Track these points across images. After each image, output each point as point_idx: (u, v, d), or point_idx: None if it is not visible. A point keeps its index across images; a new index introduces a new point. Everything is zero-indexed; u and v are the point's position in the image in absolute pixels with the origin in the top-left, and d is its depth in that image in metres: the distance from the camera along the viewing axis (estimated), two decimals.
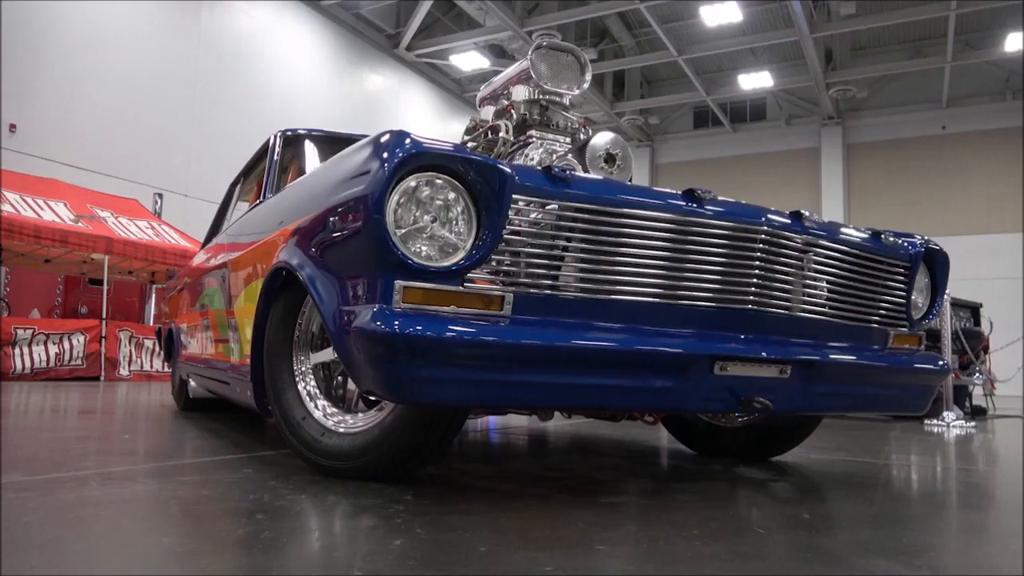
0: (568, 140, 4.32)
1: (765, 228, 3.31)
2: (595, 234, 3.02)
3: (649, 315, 3.11)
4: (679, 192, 3.26)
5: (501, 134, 4.23)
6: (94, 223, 13.53)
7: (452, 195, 2.88)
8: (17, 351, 12.22)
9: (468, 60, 23.50)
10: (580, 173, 3.49)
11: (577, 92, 4.45)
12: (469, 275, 2.85)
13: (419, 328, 2.66)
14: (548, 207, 2.97)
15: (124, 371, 13.60)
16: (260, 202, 4.85)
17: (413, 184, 2.84)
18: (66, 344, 12.79)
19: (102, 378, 13.07)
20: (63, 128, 15.39)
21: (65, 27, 15.48)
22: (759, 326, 3.34)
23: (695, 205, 3.22)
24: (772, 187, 28.02)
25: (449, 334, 2.68)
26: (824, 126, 27.89)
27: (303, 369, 3.61)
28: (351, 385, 3.50)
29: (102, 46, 16.04)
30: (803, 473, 4.15)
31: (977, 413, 11.22)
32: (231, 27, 18.81)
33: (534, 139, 4.25)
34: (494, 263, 2.90)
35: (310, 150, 5.28)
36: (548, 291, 2.95)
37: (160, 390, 10.78)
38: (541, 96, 4.38)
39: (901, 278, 3.93)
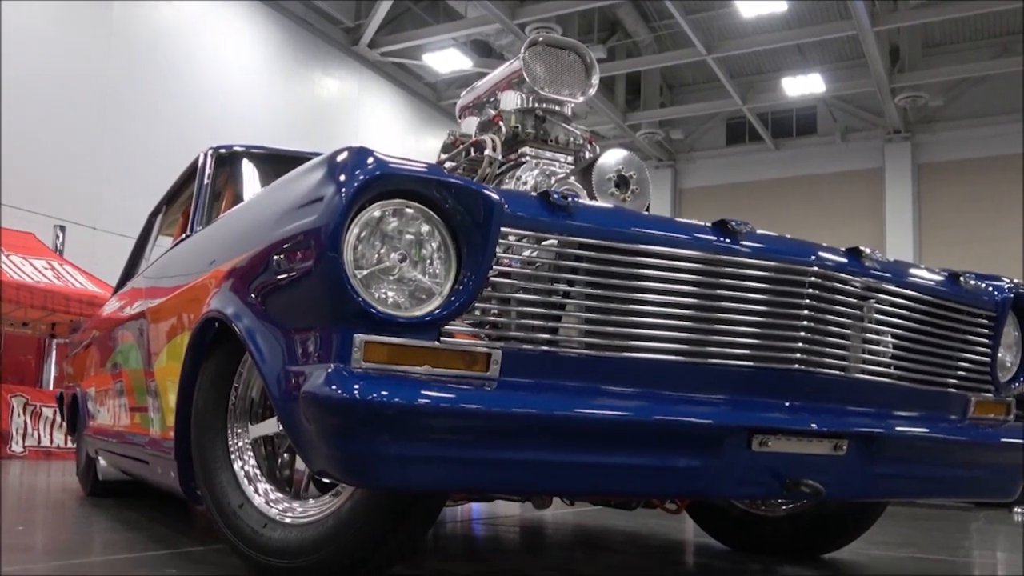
0: (570, 159, 4.35)
1: (815, 269, 3.33)
2: (604, 276, 3.04)
3: (671, 377, 3.11)
4: (708, 224, 3.27)
5: (487, 152, 4.24)
6: None
7: (426, 228, 2.89)
8: None
9: (446, 59, 23.60)
10: (585, 200, 3.51)
11: (581, 99, 4.48)
12: (447, 327, 2.85)
13: (384, 393, 2.66)
14: (545, 243, 2.99)
15: (17, 447, 13.53)
16: (187, 236, 4.86)
17: (377, 214, 2.85)
18: None
19: None
20: None
21: None
22: (808, 391, 3.34)
23: (728, 240, 3.24)
24: (824, 218, 28.04)
25: (422, 401, 2.68)
26: (889, 142, 27.97)
27: (240, 444, 3.61)
28: (300, 465, 3.49)
29: None
30: (861, 574, 4.15)
31: None
32: (151, 21, 18.85)
33: (528, 158, 4.27)
34: (478, 312, 2.91)
35: (249, 172, 5.30)
36: (545, 347, 2.96)
37: (62, 470, 10.73)
38: (536, 104, 4.41)
39: (985, 331, 3.95)
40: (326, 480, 3.31)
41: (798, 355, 3.29)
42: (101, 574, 3.47)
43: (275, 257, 3.06)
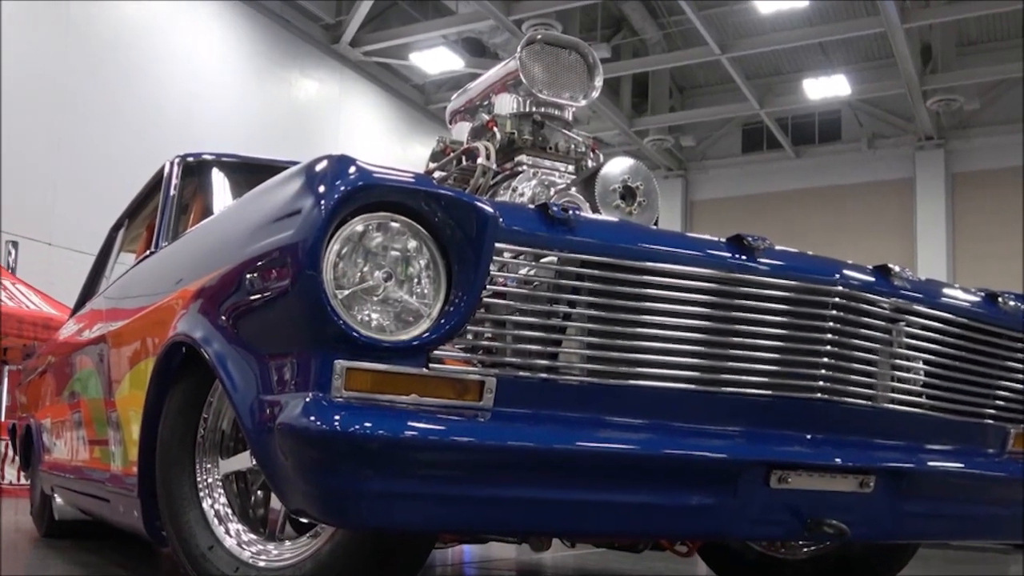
0: (571, 168, 4.36)
1: (839, 289, 3.34)
2: (608, 297, 3.04)
3: (682, 407, 3.12)
4: (722, 239, 3.28)
5: (480, 160, 4.24)
6: None
7: (413, 244, 2.90)
8: None
9: (435, 59, 23.61)
10: (587, 213, 3.52)
11: (584, 103, 4.50)
12: (436, 353, 2.85)
13: (368, 425, 2.66)
14: (544, 260, 2.99)
15: None
16: (151, 253, 4.87)
17: (360, 228, 2.86)
18: None
19: None
20: None
21: None
22: (832, 422, 3.35)
23: (744, 257, 3.25)
24: (849, 233, 28.00)
25: (409, 433, 2.68)
26: (920, 149, 27.95)
27: (210, 481, 3.60)
28: (275, 503, 3.49)
29: None
30: None
31: None
32: (112, 18, 18.77)
33: (525, 167, 4.28)
34: (470, 336, 2.91)
35: (220, 182, 5.31)
36: (544, 375, 2.96)
37: (15, 509, 10.71)
38: (534, 108, 4.42)
39: None
40: (304, 520, 3.31)
41: (821, 383, 3.30)
42: None
43: (248, 276, 3.07)
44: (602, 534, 3.06)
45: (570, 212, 3.04)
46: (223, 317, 3.24)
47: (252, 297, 3.04)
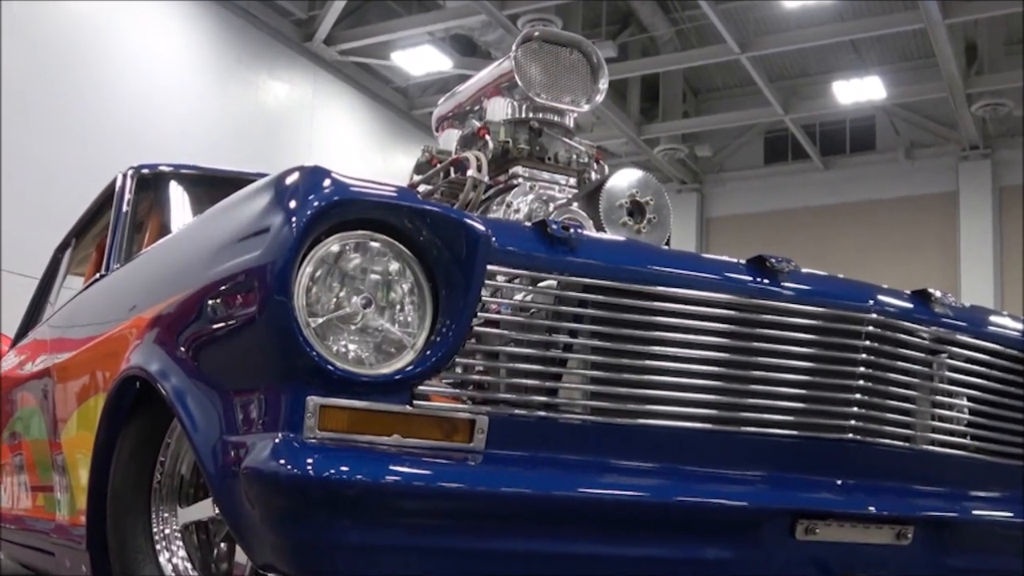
0: (573, 181, 4.37)
1: (873, 317, 3.34)
2: (614, 325, 3.05)
3: (697, 449, 3.12)
4: (742, 261, 3.29)
5: (470, 172, 4.24)
6: None
7: (395, 266, 2.90)
8: None
9: (420, 59, 23.54)
10: (591, 232, 3.52)
11: (586, 108, 4.51)
12: (421, 388, 2.86)
13: (345, 469, 2.66)
14: (542, 284, 3.00)
15: None
16: (102, 276, 4.87)
17: (335, 249, 2.86)
18: None
19: None
20: None
21: None
22: (865, 466, 3.35)
23: (767, 281, 3.26)
24: (884, 253, 27.93)
25: (390, 478, 2.69)
26: (964, 160, 27.88)
27: (167, 532, 3.60)
28: (241, 557, 3.48)
29: None
30: None
31: None
32: (58, 17, 18.71)
33: (521, 180, 4.29)
34: (459, 370, 2.92)
35: (178, 197, 5.32)
36: (542, 412, 2.96)
37: None
38: (531, 114, 4.43)
39: None
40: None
41: (852, 422, 3.30)
42: None
43: (210, 302, 3.07)
44: None
45: (571, 230, 3.05)
46: (182, 348, 3.24)
47: (215, 326, 3.04)
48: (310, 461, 2.65)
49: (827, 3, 22.25)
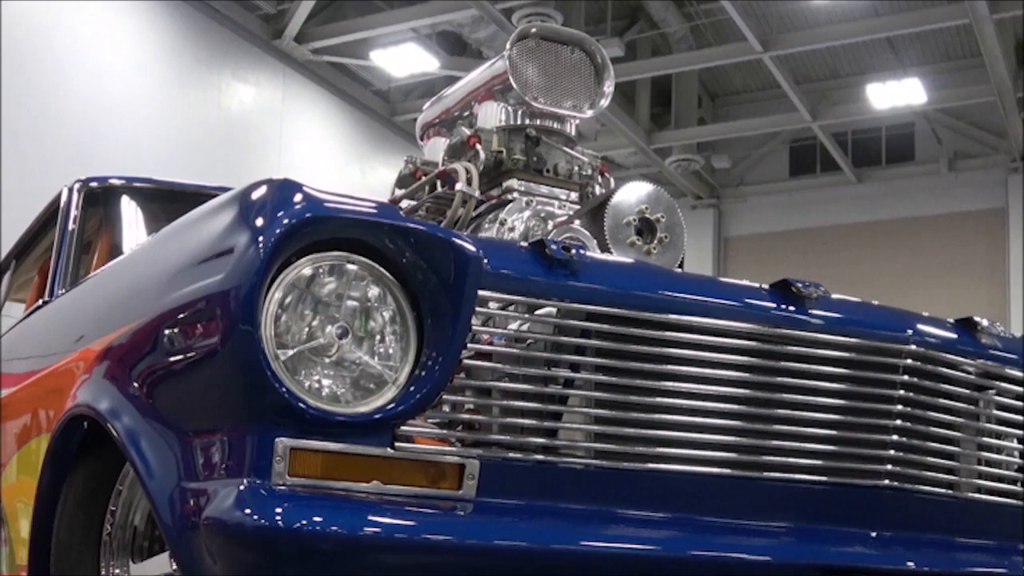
0: (575, 196, 4.37)
1: (913, 348, 3.35)
2: (621, 358, 3.05)
3: (714, 497, 3.12)
4: (765, 286, 3.29)
5: (459, 186, 4.25)
6: None
7: (375, 291, 2.91)
8: None
9: (402, 58, 23.51)
10: (595, 253, 3.52)
11: (590, 113, 4.51)
12: (404, 429, 2.86)
13: (318, 520, 2.66)
14: (540, 312, 3.00)
15: None
16: (45, 303, 4.87)
17: (308, 272, 2.87)
18: None
19: None
20: None
21: None
22: (903, 516, 3.35)
23: (793, 308, 3.26)
24: (925, 277, 27.91)
25: (370, 530, 2.68)
26: (1014, 172, 27.73)
27: None
28: None
29: None
30: None
31: None
32: None
33: (516, 195, 4.29)
34: (447, 408, 2.92)
35: (131, 213, 5.32)
36: (540, 456, 2.96)
37: None
38: (528, 121, 4.43)
39: None
40: None
41: (889, 467, 3.30)
42: None
43: (167, 332, 3.06)
44: None
45: (573, 251, 3.05)
46: (135, 384, 3.24)
47: (172, 358, 3.04)
48: (279, 511, 2.65)
49: None
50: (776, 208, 30.36)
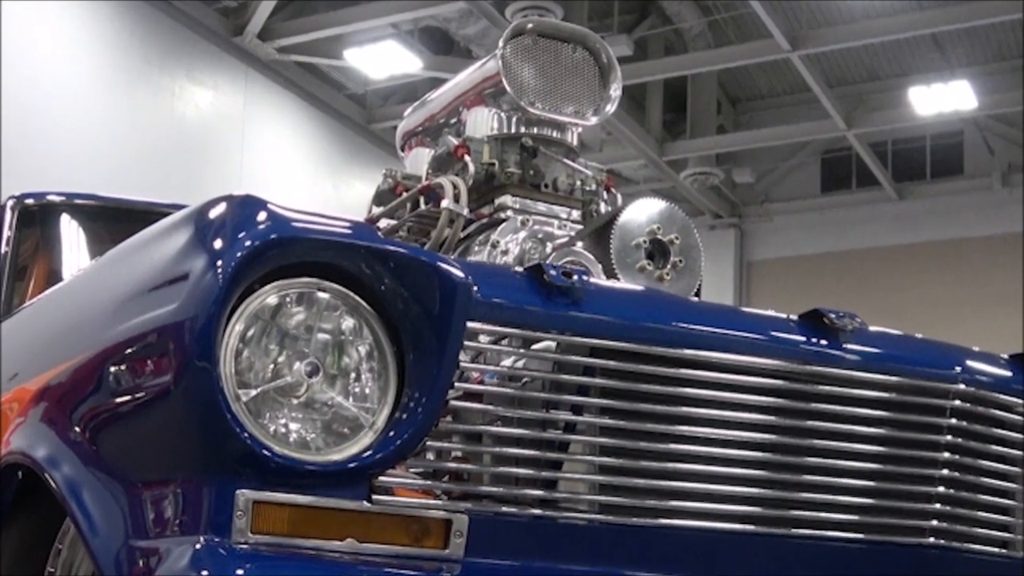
0: (577, 215, 4.37)
1: (961, 388, 3.35)
2: (629, 399, 3.05)
3: (735, 556, 3.12)
4: (794, 317, 3.30)
5: (445, 203, 4.25)
6: None
7: (349, 323, 2.91)
8: None
9: (380, 57, 23.44)
10: (600, 279, 3.53)
11: (594, 120, 4.52)
12: (383, 479, 2.86)
13: None
14: (537, 346, 3.00)
15: None
16: None
17: (273, 301, 2.87)
18: None
19: None
20: None
21: None
22: None
23: (825, 343, 3.26)
24: (975, 307, 27.74)
25: None
26: None
27: None
28: None
29: None
30: None
31: None
32: None
33: (510, 213, 4.29)
34: (431, 456, 2.92)
35: (72, 234, 5.32)
36: (537, 511, 2.97)
37: None
38: (523, 129, 4.44)
39: None
40: None
41: (934, 522, 3.31)
42: None
43: (113, 369, 3.06)
44: None
45: (575, 278, 3.05)
46: (77, 428, 3.23)
47: (118, 400, 3.04)
48: (241, 572, 2.65)
49: None
50: (806, 228, 30.18)
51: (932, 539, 3.28)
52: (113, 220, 5.27)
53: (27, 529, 3.62)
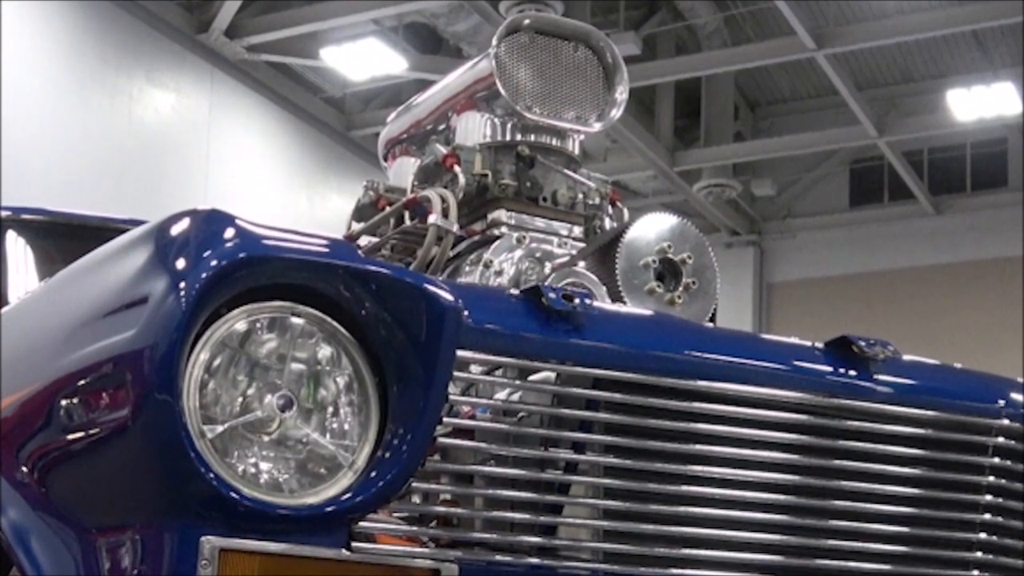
0: (578, 231, 4.37)
1: (1004, 423, 3.35)
2: (637, 436, 3.05)
3: None
4: (819, 345, 3.30)
5: (433, 218, 4.25)
6: None
7: (327, 351, 2.90)
8: None
9: (360, 57, 23.45)
10: (605, 303, 3.53)
11: (598, 127, 4.52)
12: (364, 524, 2.85)
13: None
14: (535, 377, 3.00)
15: None
16: None
17: (242, 327, 2.87)
18: None
19: None
20: None
21: None
22: None
23: (854, 373, 3.26)
24: (1019, 333, 27.80)
25: None
26: None
27: None
28: None
29: None
30: None
31: None
32: None
33: (505, 229, 4.29)
34: (418, 499, 2.92)
35: (18, 254, 5.32)
36: (534, 559, 2.96)
37: None
38: (519, 136, 4.44)
39: None
40: None
41: (975, 572, 3.31)
42: None
43: (64, 402, 3.05)
44: None
45: (576, 301, 3.05)
46: (24, 468, 3.23)
47: (70, 436, 3.03)
48: None
49: None
50: (832, 246, 30.05)
51: None
52: (64, 237, 5.27)
53: None
